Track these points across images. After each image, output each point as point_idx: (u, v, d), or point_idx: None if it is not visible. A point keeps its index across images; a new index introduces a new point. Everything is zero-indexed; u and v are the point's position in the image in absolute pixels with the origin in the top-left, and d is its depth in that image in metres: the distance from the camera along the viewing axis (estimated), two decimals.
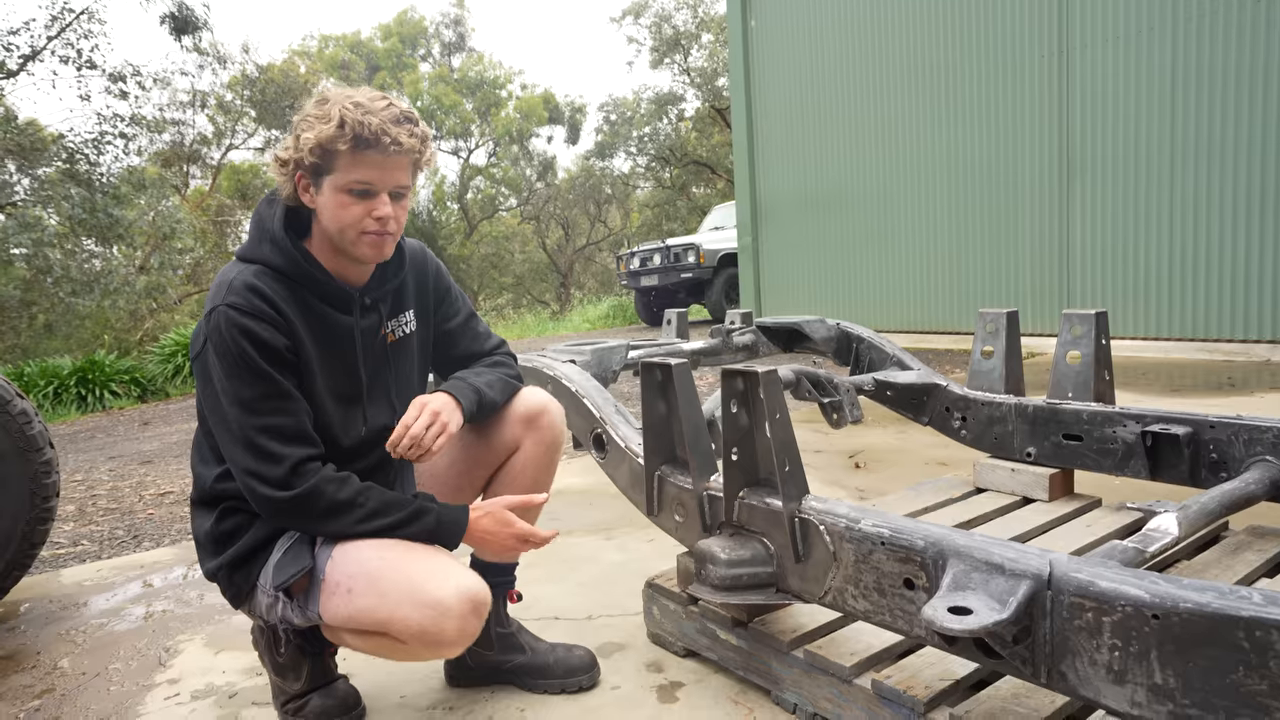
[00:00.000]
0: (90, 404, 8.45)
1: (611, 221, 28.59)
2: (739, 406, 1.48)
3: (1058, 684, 1.10)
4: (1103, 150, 6.19)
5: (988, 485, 2.30)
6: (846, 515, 1.36)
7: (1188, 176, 5.74)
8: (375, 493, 1.45)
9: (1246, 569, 1.67)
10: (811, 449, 3.70)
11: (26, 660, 2.10)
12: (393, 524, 1.43)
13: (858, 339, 2.76)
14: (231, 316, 1.39)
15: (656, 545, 2.58)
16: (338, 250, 1.49)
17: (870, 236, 8.09)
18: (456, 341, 1.73)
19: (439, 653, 1.44)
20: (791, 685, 1.55)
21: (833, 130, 8.33)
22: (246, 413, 1.39)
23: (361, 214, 1.43)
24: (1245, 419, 1.80)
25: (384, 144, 1.39)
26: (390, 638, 1.41)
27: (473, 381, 1.62)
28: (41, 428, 2.34)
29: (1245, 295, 5.54)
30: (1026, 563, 1.11)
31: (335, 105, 1.39)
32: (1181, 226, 5.81)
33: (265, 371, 1.40)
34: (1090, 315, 2.15)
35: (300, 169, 1.43)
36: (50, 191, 11.77)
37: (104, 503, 3.93)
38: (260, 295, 1.42)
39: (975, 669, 1.39)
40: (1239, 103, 5.44)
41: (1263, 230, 5.41)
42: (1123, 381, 4.67)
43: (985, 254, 7.09)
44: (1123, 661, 1.02)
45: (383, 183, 1.43)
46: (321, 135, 1.37)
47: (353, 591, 1.41)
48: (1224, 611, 0.93)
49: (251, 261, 1.47)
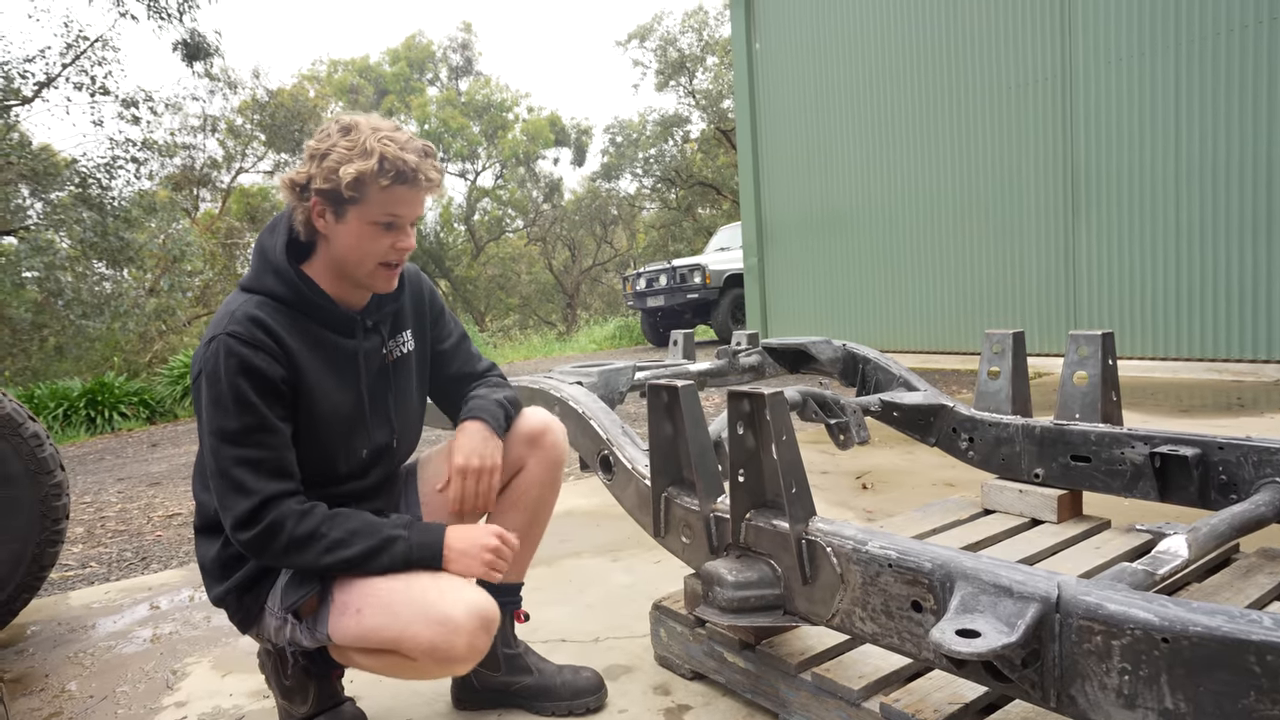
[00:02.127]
0: (99, 425, 8.48)
1: (618, 242, 28.70)
2: (745, 428, 1.48)
3: (1067, 708, 1.09)
4: (1108, 171, 6.20)
5: (995, 506, 2.29)
6: (854, 537, 1.36)
7: (1194, 197, 5.74)
8: (342, 521, 1.42)
9: (1258, 592, 1.66)
10: (818, 470, 3.69)
11: (35, 683, 2.10)
12: (362, 554, 1.40)
13: (864, 360, 2.76)
14: (230, 345, 1.40)
15: (663, 567, 2.57)
16: (342, 276, 1.50)
17: (876, 257, 8.10)
18: (450, 362, 1.75)
19: (449, 669, 1.44)
20: (799, 708, 1.54)
21: (838, 152, 8.37)
22: (226, 443, 1.39)
23: (387, 246, 1.46)
24: (1255, 440, 1.79)
25: (419, 181, 1.43)
26: (400, 655, 1.41)
27: (496, 397, 1.66)
28: (53, 450, 2.35)
29: (1254, 315, 5.52)
30: (1035, 585, 1.11)
31: (368, 138, 1.39)
32: (1189, 246, 5.80)
33: (251, 404, 1.40)
34: (1097, 336, 2.15)
35: (322, 196, 1.42)
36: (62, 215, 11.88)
37: (113, 524, 3.94)
38: (261, 326, 1.43)
39: (984, 693, 1.38)
40: (1244, 124, 5.45)
41: (1270, 250, 5.40)
42: (1131, 402, 4.65)
43: (992, 275, 7.08)
44: (1133, 686, 1.01)
45: (410, 215, 1.46)
46: (363, 170, 1.37)
47: (362, 611, 1.41)
48: (1235, 635, 0.93)
49: (255, 292, 1.48)
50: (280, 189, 1.47)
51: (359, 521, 1.43)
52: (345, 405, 1.54)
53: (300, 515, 1.40)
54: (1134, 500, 2.03)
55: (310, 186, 1.41)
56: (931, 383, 2.60)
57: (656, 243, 25.31)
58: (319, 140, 1.42)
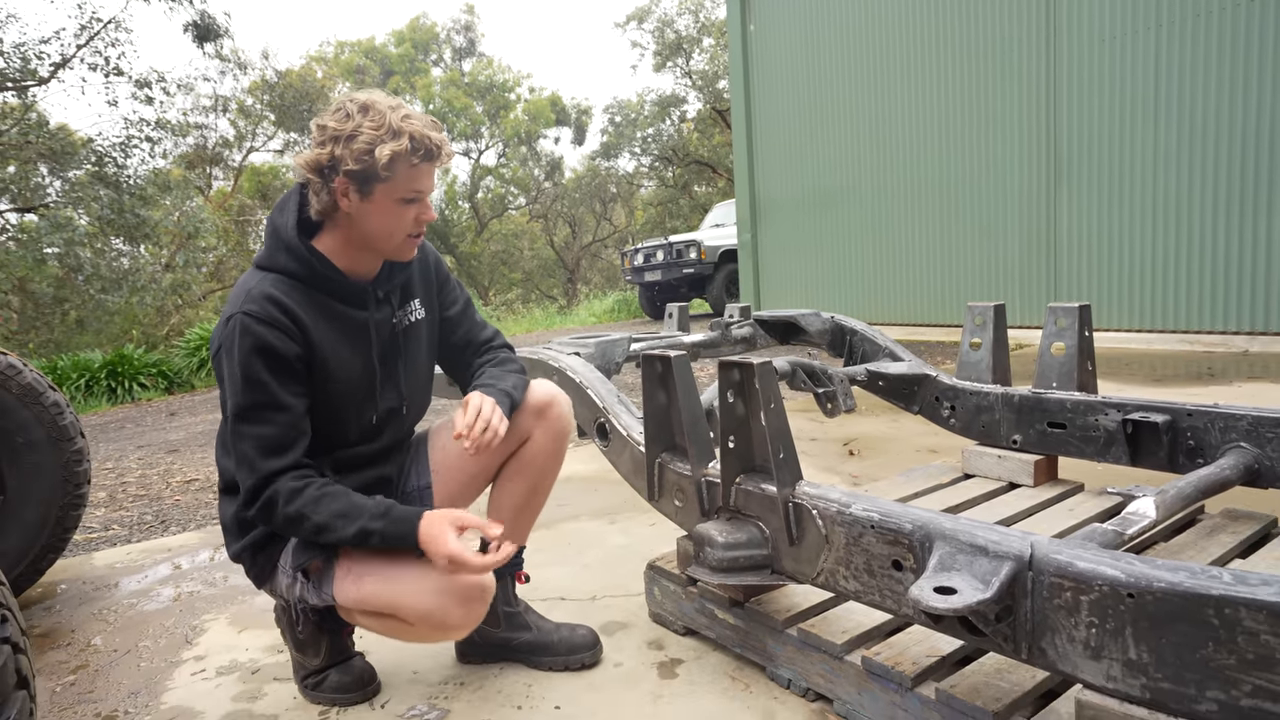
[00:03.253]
0: (120, 396, 8.48)
1: (616, 219, 28.53)
2: (735, 396, 1.49)
3: (1038, 660, 1.10)
4: (1089, 149, 6.16)
5: (975, 471, 2.31)
6: (838, 500, 1.37)
7: (1170, 174, 5.71)
8: (327, 503, 1.39)
9: (1220, 550, 1.68)
10: (807, 437, 3.70)
11: (62, 638, 2.13)
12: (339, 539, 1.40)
13: (851, 331, 2.76)
14: (246, 324, 1.40)
15: (657, 529, 2.59)
16: (364, 249, 1.50)
17: (865, 233, 8.06)
18: (455, 328, 1.75)
19: (445, 635, 1.46)
20: (786, 662, 1.56)
21: (829, 131, 8.30)
22: (238, 420, 1.41)
23: (412, 219, 1.48)
24: (1221, 407, 1.80)
25: (441, 157, 1.45)
26: (399, 619, 1.44)
27: (501, 386, 1.63)
28: (73, 418, 2.35)
29: (1225, 289, 5.52)
30: (1009, 545, 1.12)
31: (391, 118, 1.38)
32: (1164, 223, 5.78)
33: (263, 381, 1.40)
34: (1074, 308, 2.15)
35: (350, 176, 1.40)
36: (80, 193, 11.80)
37: (133, 489, 3.95)
38: (277, 304, 1.43)
39: (960, 646, 1.40)
40: (1220, 103, 5.40)
41: (1242, 226, 5.38)
42: (1107, 372, 4.66)
43: (975, 249, 7.06)
44: (1099, 638, 1.02)
45: (430, 188, 1.49)
46: (397, 151, 1.37)
47: (364, 577, 1.44)
48: (1195, 590, 0.94)
49: (269, 270, 1.48)
50: (299, 169, 1.43)
51: (343, 503, 1.40)
52: (357, 374, 1.54)
53: (290, 494, 1.39)
54: (1107, 465, 2.04)
55: (338, 167, 1.39)
56: (916, 354, 2.60)
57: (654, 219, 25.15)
58: (339, 122, 1.39)
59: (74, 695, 1.80)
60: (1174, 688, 0.97)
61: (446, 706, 1.61)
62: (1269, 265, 5.30)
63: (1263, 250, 5.32)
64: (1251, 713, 0.92)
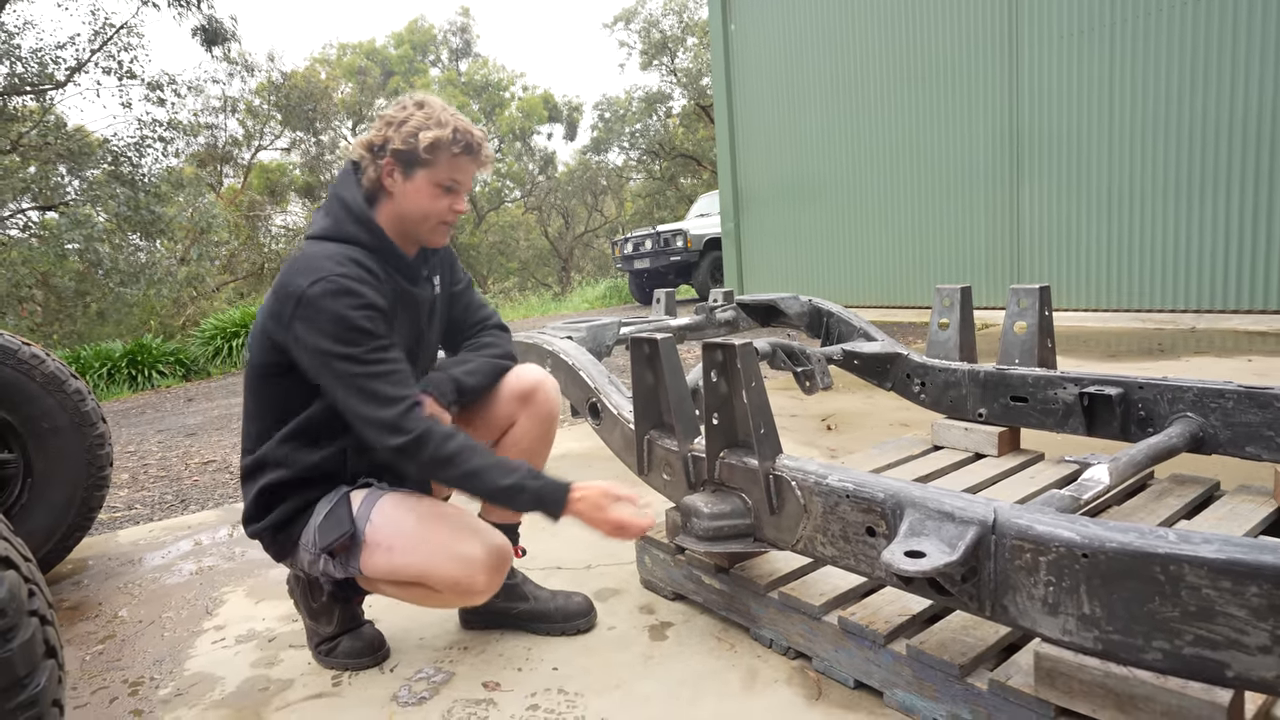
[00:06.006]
0: (140, 383, 8.42)
1: (607, 211, 28.38)
2: (719, 376, 1.49)
3: (1000, 616, 1.12)
4: (1049, 139, 6.16)
5: (944, 443, 2.32)
6: (815, 471, 1.37)
7: (1124, 164, 5.72)
8: (481, 454, 1.40)
9: (1168, 512, 1.70)
10: (787, 414, 3.71)
11: (90, 610, 2.12)
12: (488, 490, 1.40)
13: (828, 313, 2.76)
14: (341, 284, 1.38)
15: (647, 501, 2.60)
16: (403, 230, 1.52)
17: (841, 221, 8.05)
18: (455, 304, 1.76)
19: (469, 600, 1.48)
20: (768, 623, 1.57)
21: (806, 124, 8.26)
22: (354, 364, 1.37)
23: (446, 207, 1.51)
24: (1170, 380, 1.81)
25: (481, 154, 1.51)
26: (425, 588, 1.45)
27: (452, 373, 1.63)
28: (94, 405, 2.33)
29: (1174, 269, 5.55)
30: (973, 511, 1.13)
31: (440, 112, 1.46)
32: (1119, 208, 5.80)
33: (368, 329, 1.39)
34: (1035, 290, 2.15)
35: (396, 157, 1.45)
36: (98, 191, 11.67)
37: (154, 471, 3.94)
38: (361, 265, 1.44)
39: (929, 605, 1.41)
40: (1169, 95, 5.40)
41: (1189, 211, 5.41)
42: (1065, 349, 4.68)
43: (944, 235, 7.06)
44: (1056, 595, 1.04)
45: (467, 183, 1.52)
46: (439, 137, 1.44)
47: (394, 549, 1.44)
48: (1143, 549, 0.95)
49: (339, 240, 1.47)
50: (356, 148, 1.51)
51: (494, 458, 1.41)
52: (409, 344, 1.57)
53: (444, 438, 1.37)
54: (1065, 435, 2.05)
55: (387, 148, 1.46)
56: (889, 334, 2.61)
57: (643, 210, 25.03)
58: (396, 111, 1.47)
59: (103, 663, 1.80)
60: (1124, 639, 0.98)
61: (451, 669, 1.62)
62: (1214, 247, 5.33)
63: (1209, 233, 5.34)
64: (1193, 660, 0.93)
